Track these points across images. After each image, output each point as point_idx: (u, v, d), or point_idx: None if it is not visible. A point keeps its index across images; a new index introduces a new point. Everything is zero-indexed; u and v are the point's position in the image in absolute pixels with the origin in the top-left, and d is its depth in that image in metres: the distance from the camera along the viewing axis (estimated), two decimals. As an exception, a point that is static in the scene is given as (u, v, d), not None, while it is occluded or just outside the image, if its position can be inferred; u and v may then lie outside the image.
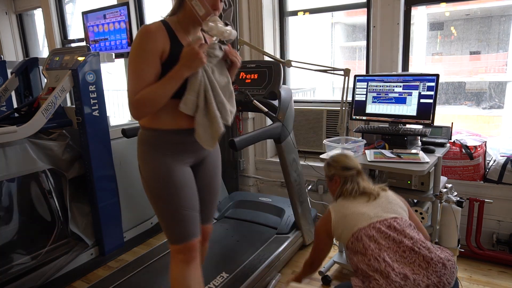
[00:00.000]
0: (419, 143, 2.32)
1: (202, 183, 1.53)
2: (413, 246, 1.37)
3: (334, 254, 2.51)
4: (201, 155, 1.49)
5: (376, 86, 2.37)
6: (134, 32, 3.92)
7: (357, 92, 2.44)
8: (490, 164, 2.52)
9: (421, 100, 2.19)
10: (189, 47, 1.24)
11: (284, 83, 2.55)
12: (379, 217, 1.48)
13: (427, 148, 2.09)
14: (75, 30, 4.71)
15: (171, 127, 1.36)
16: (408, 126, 2.33)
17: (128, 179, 2.88)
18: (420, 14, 3.11)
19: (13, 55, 5.14)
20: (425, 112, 2.18)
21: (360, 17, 3.09)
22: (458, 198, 2.00)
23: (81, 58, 2.50)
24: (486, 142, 2.53)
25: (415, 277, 1.28)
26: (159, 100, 1.27)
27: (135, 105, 1.26)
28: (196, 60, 1.24)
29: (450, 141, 2.36)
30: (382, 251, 1.36)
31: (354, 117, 2.46)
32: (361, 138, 2.28)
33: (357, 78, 2.45)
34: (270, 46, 3.27)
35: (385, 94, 2.34)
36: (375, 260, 1.34)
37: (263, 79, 2.41)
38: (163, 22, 1.32)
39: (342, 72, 2.45)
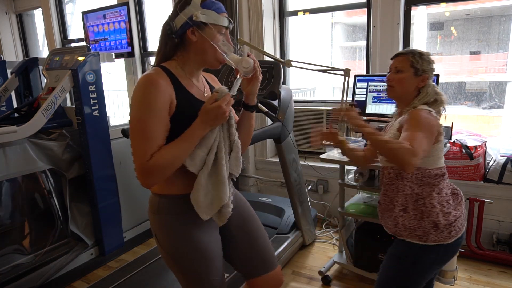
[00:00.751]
0: (419, 143, 2.31)
1: (241, 231, 1.35)
2: None
3: (334, 254, 2.51)
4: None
5: (376, 86, 2.36)
6: (134, 32, 3.92)
7: (357, 92, 2.44)
8: (490, 164, 2.52)
9: (421, 100, 2.19)
10: (216, 105, 1.07)
11: (284, 83, 2.55)
12: None
13: (427, 148, 2.09)
14: (75, 30, 4.71)
15: (185, 191, 1.17)
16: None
17: (128, 179, 2.88)
18: (420, 14, 3.11)
19: (13, 55, 5.14)
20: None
21: (360, 17, 3.09)
22: (458, 198, 1.99)
23: (81, 58, 2.50)
24: (486, 142, 2.53)
25: None
26: (178, 163, 1.10)
27: (150, 172, 1.07)
28: (221, 119, 1.10)
29: (450, 141, 2.36)
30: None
31: (354, 117, 2.45)
32: (361, 138, 2.28)
33: (357, 78, 2.45)
34: (270, 46, 3.27)
35: (385, 94, 2.33)
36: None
37: (263, 79, 2.39)
38: (162, 68, 1.15)
39: (342, 72, 2.45)
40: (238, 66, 1.16)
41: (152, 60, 4.46)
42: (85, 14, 4.04)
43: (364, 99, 2.40)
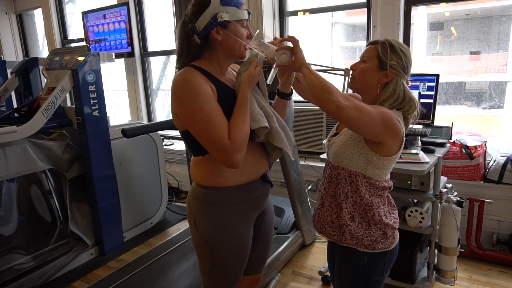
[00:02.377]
0: (419, 143, 2.31)
1: (260, 235, 1.40)
2: None
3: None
4: (264, 207, 1.37)
5: (376, 86, 2.36)
6: (134, 32, 3.92)
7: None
8: (490, 164, 2.52)
9: (421, 100, 2.19)
10: (249, 72, 1.17)
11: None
12: None
13: (427, 148, 2.09)
14: (75, 30, 4.71)
15: (240, 182, 1.22)
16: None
17: (128, 179, 2.88)
18: (420, 14, 3.10)
19: (13, 55, 5.14)
20: (425, 112, 2.18)
21: (360, 17, 3.08)
22: (458, 198, 1.99)
23: (81, 58, 2.50)
24: (486, 142, 2.53)
25: None
26: (249, 128, 1.15)
27: (237, 149, 1.10)
28: (255, 74, 1.19)
29: (450, 141, 2.36)
30: None
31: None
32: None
33: (357, 78, 2.45)
34: (270, 46, 3.27)
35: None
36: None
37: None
38: (193, 66, 1.17)
39: (342, 72, 2.45)
40: (275, 56, 1.20)
41: (152, 60, 4.46)
42: (85, 14, 4.04)
43: (364, 99, 2.40)
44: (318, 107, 3.24)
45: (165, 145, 3.96)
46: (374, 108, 1.16)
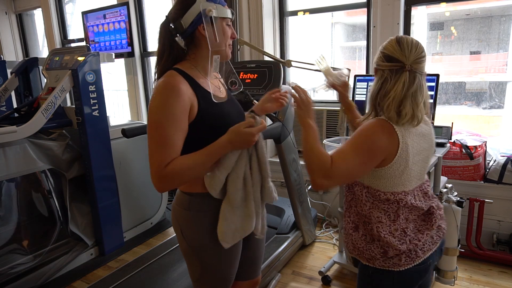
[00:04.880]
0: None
1: (249, 238, 1.35)
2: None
3: (334, 254, 2.51)
4: None
5: (376, 86, 2.36)
6: (134, 32, 3.92)
7: (357, 92, 2.44)
8: (490, 164, 2.52)
9: (421, 100, 2.19)
10: (249, 132, 1.07)
11: (284, 83, 2.55)
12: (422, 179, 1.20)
13: (427, 148, 2.09)
14: (75, 30, 4.71)
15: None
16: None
17: (128, 179, 2.88)
18: (420, 14, 3.10)
19: (13, 55, 5.14)
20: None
21: (360, 17, 3.08)
22: (458, 198, 1.99)
23: (81, 58, 2.50)
24: (486, 142, 2.53)
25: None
26: (194, 175, 1.11)
27: (165, 179, 1.06)
28: (248, 145, 1.11)
29: (450, 141, 2.36)
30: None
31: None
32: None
33: (357, 78, 2.45)
34: (270, 46, 3.27)
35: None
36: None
37: (263, 79, 2.41)
38: (177, 70, 1.12)
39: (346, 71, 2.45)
40: (327, 76, 1.28)
41: (152, 60, 4.45)
42: (85, 14, 4.04)
43: (364, 99, 2.40)
44: (318, 107, 3.22)
45: (165, 145, 3.95)
46: (355, 143, 1.10)
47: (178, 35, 1.14)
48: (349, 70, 1.39)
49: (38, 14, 5.14)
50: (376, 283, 1.21)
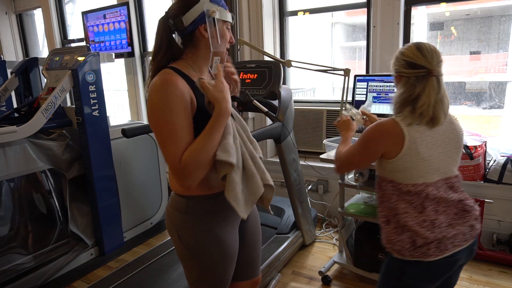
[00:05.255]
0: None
1: (245, 238, 1.37)
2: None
3: (334, 254, 2.51)
4: None
5: (376, 86, 2.37)
6: (134, 32, 3.92)
7: (357, 92, 2.44)
8: (490, 164, 2.52)
9: (421, 100, 2.19)
10: (215, 84, 1.07)
11: (284, 83, 2.55)
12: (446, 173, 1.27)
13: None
14: (75, 30, 4.71)
15: (222, 188, 1.13)
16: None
17: (128, 179, 2.88)
18: (420, 14, 3.11)
19: (13, 55, 5.14)
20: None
21: (360, 17, 3.09)
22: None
23: (81, 58, 2.50)
24: (486, 142, 2.53)
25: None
26: (210, 156, 1.07)
27: (186, 171, 1.04)
28: (224, 94, 1.08)
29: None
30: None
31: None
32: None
33: (357, 78, 2.45)
34: (270, 46, 3.27)
35: (385, 94, 2.34)
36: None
37: (263, 79, 2.41)
38: (173, 69, 1.11)
39: (342, 72, 2.45)
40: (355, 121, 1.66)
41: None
42: (85, 14, 4.04)
43: (364, 99, 2.40)
44: (318, 107, 3.22)
45: (165, 145, 3.95)
46: (358, 141, 1.32)
47: (176, 32, 1.13)
48: (348, 70, 1.43)
49: (38, 14, 5.14)
50: (404, 275, 1.26)
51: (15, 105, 3.25)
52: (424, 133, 1.22)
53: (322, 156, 2.21)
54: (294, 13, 3.26)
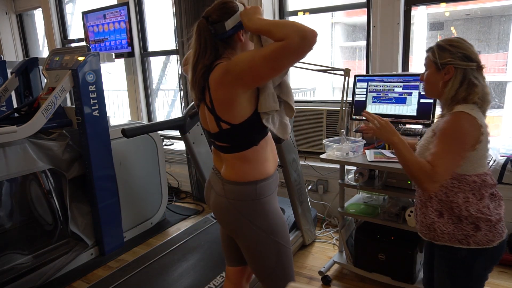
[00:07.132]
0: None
1: None
2: None
3: (334, 254, 2.51)
4: None
5: (376, 86, 2.36)
6: (134, 32, 3.92)
7: (357, 92, 2.44)
8: (490, 164, 2.52)
9: (421, 100, 2.19)
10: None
11: (284, 83, 2.54)
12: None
13: (427, 148, 2.09)
14: (75, 30, 4.71)
15: (275, 166, 1.37)
16: (408, 126, 2.33)
17: (128, 179, 2.89)
18: (420, 14, 3.11)
19: (13, 55, 5.14)
20: (425, 112, 2.18)
21: (360, 17, 3.09)
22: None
23: (81, 58, 2.50)
24: (486, 142, 2.52)
25: None
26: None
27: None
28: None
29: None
30: None
31: (354, 117, 2.46)
32: (361, 138, 2.28)
33: (357, 78, 2.45)
34: (270, 46, 3.26)
35: (385, 94, 2.34)
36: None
37: (263, 79, 2.40)
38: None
39: (342, 72, 2.45)
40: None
41: (152, 60, 4.45)
42: (85, 14, 4.04)
43: (364, 99, 2.40)
44: (318, 107, 3.21)
45: (165, 145, 3.96)
46: (446, 140, 1.22)
47: (223, 35, 1.24)
48: (348, 70, 1.44)
49: (38, 14, 5.14)
50: (468, 264, 1.28)
51: (15, 105, 3.25)
52: (486, 123, 1.26)
53: (322, 156, 2.21)
54: (294, 13, 3.26)
